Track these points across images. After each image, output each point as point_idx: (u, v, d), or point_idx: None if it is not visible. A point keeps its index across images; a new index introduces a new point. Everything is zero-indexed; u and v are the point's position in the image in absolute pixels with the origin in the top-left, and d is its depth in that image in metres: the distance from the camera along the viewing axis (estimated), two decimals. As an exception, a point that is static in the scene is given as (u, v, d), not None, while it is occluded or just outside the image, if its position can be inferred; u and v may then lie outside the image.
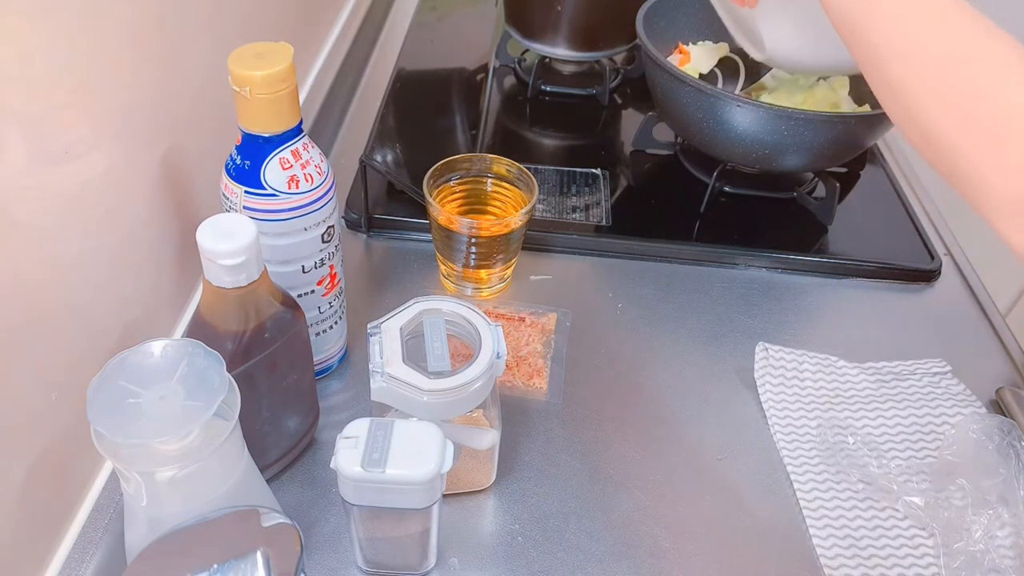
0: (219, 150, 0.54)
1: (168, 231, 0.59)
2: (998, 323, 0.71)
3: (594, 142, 0.90)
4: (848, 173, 0.85)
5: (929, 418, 0.61)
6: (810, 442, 0.59)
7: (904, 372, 0.65)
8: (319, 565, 0.50)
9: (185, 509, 0.40)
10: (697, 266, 0.75)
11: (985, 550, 0.51)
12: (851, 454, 0.57)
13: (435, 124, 0.90)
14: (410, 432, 0.44)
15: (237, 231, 0.44)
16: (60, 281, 0.47)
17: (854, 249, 0.76)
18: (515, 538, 0.53)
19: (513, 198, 0.69)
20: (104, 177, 0.50)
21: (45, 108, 0.44)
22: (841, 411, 0.61)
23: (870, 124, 0.72)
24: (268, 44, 0.48)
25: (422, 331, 0.50)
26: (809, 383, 0.63)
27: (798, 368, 0.64)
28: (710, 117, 0.73)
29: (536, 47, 0.95)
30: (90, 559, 0.49)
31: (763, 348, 0.65)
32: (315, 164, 0.52)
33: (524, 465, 0.57)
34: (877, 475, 0.56)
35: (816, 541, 0.53)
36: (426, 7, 1.13)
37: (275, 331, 0.48)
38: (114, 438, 0.37)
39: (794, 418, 0.61)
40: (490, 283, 0.70)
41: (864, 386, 0.63)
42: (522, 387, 0.62)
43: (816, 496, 0.56)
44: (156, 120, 0.56)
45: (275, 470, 0.54)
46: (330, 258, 0.56)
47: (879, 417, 0.61)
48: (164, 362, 0.41)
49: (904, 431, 0.60)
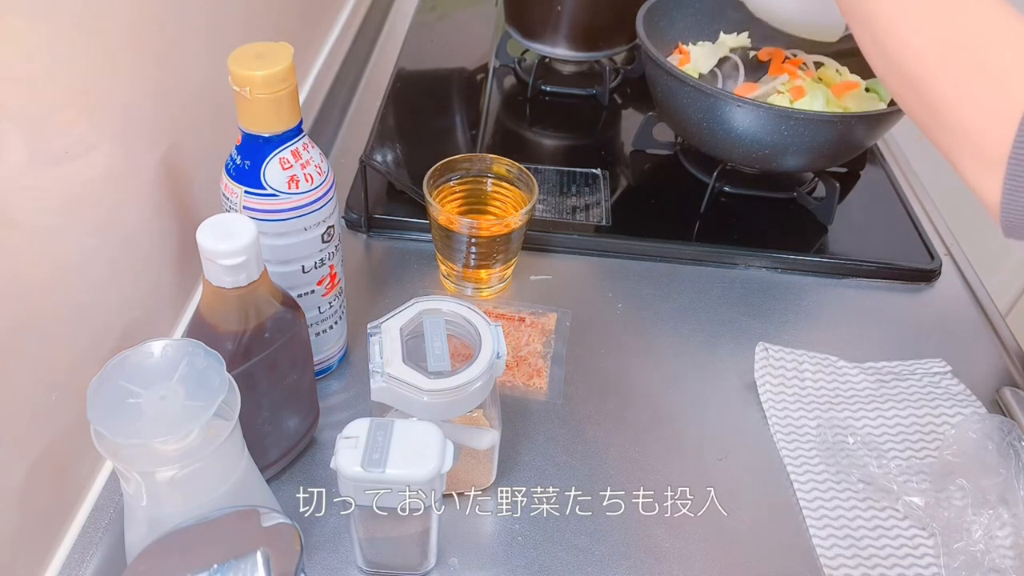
0: (219, 150, 0.54)
1: (168, 231, 0.59)
2: (998, 323, 0.71)
3: (594, 142, 0.90)
4: (848, 173, 0.85)
5: (929, 418, 0.61)
6: (810, 442, 0.59)
7: (904, 372, 0.65)
8: (319, 565, 0.50)
9: (185, 509, 0.40)
10: (697, 266, 0.75)
11: (985, 550, 0.51)
12: (851, 454, 0.57)
13: (435, 124, 0.90)
14: (410, 432, 0.44)
15: (237, 231, 0.44)
16: (60, 281, 0.47)
17: (854, 249, 0.76)
18: (515, 538, 0.53)
19: (513, 198, 0.69)
20: (104, 177, 0.50)
21: (45, 108, 0.44)
22: (841, 411, 0.61)
23: (870, 124, 0.72)
24: (268, 44, 0.48)
25: (422, 331, 0.50)
26: (809, 383, 0.63)
27: (798, 368, 0.64)
28: (710, 117, 0.73)
29: (536, 47, 0.95)
30: (90, 559, 0.49)
31: (763, 348, 0.65)
32: (315, 164, 0.52)
33: (524, 465, 0.57)
34: (877, 475, 0.56)
35: (816, 541, 0.53)
36: (426, 7, 1.13)
37: (275, 331, 0.48)
38: (114, 438, 0.37)
39: (794, 418, 0.61)
40: (490, 283, 0.70)
41: (864, 386, 0.63)
42: (522, 387, 0.62)
43: (816, 496, 0.56)
44: (156, 120, 0.56)
45: (275, 470, 0.54)
46: (330, 258, 0.56)
47: (879, 417, 0.61)
48: (164, 362, 0.41)
49: (904, 431, 0.60)
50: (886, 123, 0.73)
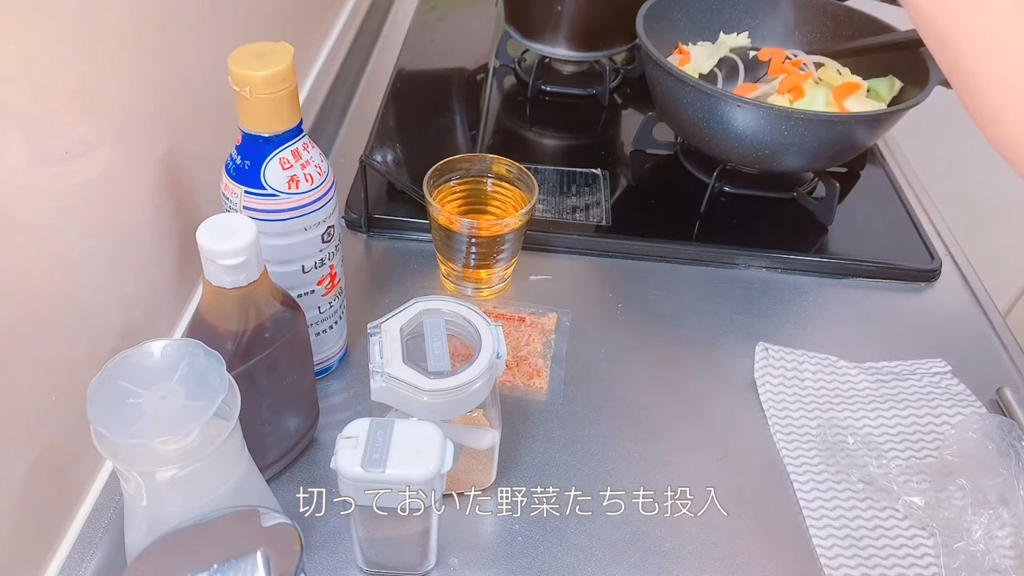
0: (219, 150, 0.54)
1: (168, 231, 0.59)
2: (998, 323, 0.71)
3: (594, 142, 0.90)
4: (848, 173, 0.85)
5: (929, 418, 0.61)
6: (810, 442, 0.59)
7: (904, 372, 0.65)
8: (319, 565, 0.50)
9: (185, 509, 0.40)
10: (697, 266, 0.75)
11: (985, 550, 0.51)
12: (851, 454, 0.57)
13: (435, 124, 0.90)
14: (410, 432, 0.44)
15: (237, 231, 0.44)
16: (60, 281, 0.47)
17: (854, 249, 0.76)
18: (515, 538, 0.53)
19: (513, 198, 0.69)
20: (104, 177, 0.50)
21: (45, 108, 0.44)
22: (841, 411, 0.61)
23: (871, 124, 0.72)
24: (268, 44, 0.48)
25: (422, 331, 0.50)
26: (809, 383, 0.63)
27: (798, 368, 0.64)
28: (710, 117, 0.73)
29: (536, 47, 0.95)
30: (90, 559, 0.49)
31: (763, 348, 0.65)
32: (315, 164, 0.52)
33: (524, 465, 0.57)
34: (877, 475, 0.56)
35: (816, 541, 0.53)
36: (426, 7, 1.13)
37: (275, 331, 0.48)
38: (114, 438, 0.37)
39: (794, 418, 0.61)
40: (490, 283, 0.70)
41: (864, 386, 0.63)
42: (522, 387, 0.62)
43: (816, 496, 0.56)
44: (156, 120, 0.56)
45: (275, 470, 0.54)
46: (330, 258, 0.56)
47: (879, 417, 0.61)
48: (164, 362, 0.41)
49: (904, 431, 0.60)
50: (886, 123, 0.73)
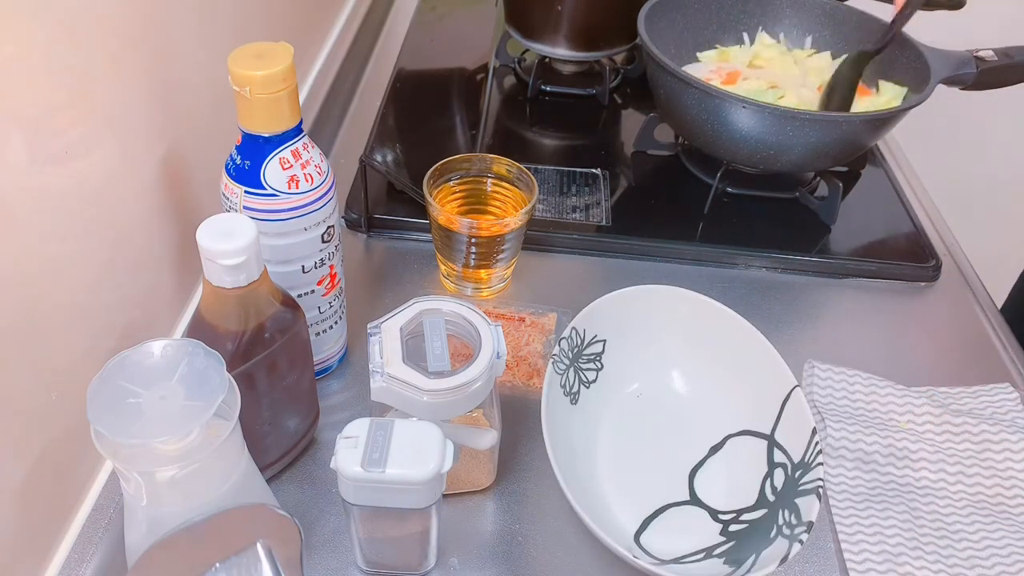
0: (219, 150, 0.54)
1: (168, 231, 0.59)
2: (998, 323, 0.71)
3: (594, 142, 0.90)
4: (848, 173, 0.85)
5: (989, 453, 0.58)
6: (855, 462, 0.57)
7: (964, 396, 0.62)
8: (319, 565, 0.50)
9: (185, 509, 0.40)
10: (697, 266, 0.75)
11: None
12: (899, 489, 0.55)
13: (435, 124, 0.90)
14: (410, 432, 0.44)
15: (237, 231, 0.44)
16: (60, 281, 0.47)
17: (854, 249, 0.76)
18: (515, 538, 0.53)
19: (513, 198, 0.69)
20: (104, 177, 0.50)
21: (45, 108, 0.44)
22: (899, 440, 0.58)
23: (874, 124, 0.72)
24: (268, 44, 0.48)
25: (422, 331, 0.50)
26: (862, 404, 0.60)
27: (848, 388, 0.61)
28: (714, 118, 0.73)
29: (536, 47, 0.95)
30: (90, 559, 0.49)
31: (810, 365, 0.63)
32: (315, 164, 0.52)
33: (524, 465, 0.57)
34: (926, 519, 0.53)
35: (848, 556, 0.52)
36: (426, 7, 1.13)
37: (275, 331, 0.48)
38: (114, 438, 0.37)
39: (835, 437, 0.58)
40: (490, 283, 0.70)
41: (924, 411, 0.60)
42: (522, 387, 0.62)
43: (855, 520, 0.54)
44: (155, 120, 0.56)
45: (275, 470, 0.54)
46: (330, 258, 0.56)
47: (938, 453, 0.58)
48: (164, 362, 0.41)
49: (962, 463, 0.57)
50: (889, 123, 0.73)
